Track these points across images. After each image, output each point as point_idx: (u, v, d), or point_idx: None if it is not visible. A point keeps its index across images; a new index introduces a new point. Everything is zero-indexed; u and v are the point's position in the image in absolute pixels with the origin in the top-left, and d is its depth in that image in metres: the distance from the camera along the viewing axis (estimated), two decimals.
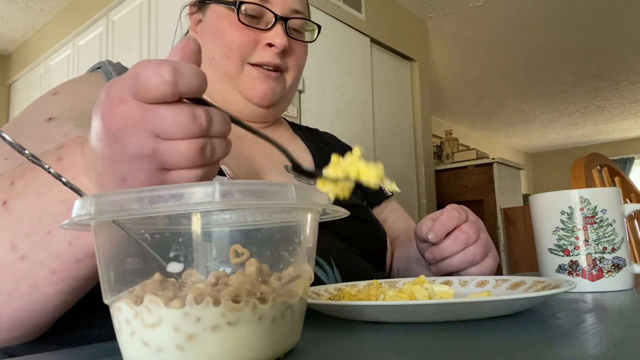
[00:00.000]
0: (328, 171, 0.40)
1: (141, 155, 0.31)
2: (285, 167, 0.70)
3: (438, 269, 0.59)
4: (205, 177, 0.33)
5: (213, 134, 0.32)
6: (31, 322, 0.41)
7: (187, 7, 0.75)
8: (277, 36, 0.66)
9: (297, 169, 0.40)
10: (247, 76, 0.67)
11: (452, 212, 0.57)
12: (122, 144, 0.31)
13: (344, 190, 0.40)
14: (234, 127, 0.35)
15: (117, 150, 0.31)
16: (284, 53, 0.69)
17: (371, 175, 0.39)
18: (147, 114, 0.30)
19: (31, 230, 0.37)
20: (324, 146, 0.83)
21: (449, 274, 0.58)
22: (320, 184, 0.40)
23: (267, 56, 0.67)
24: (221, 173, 0.58)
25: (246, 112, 0.71)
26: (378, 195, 0.84)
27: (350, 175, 0.39)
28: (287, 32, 0.68)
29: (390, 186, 0.40)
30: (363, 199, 0.80)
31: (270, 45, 0.67)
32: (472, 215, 0.60)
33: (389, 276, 0.75)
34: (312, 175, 0.42)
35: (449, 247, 0.56)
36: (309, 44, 0.76)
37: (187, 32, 0.77)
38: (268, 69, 0.68)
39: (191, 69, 0.30)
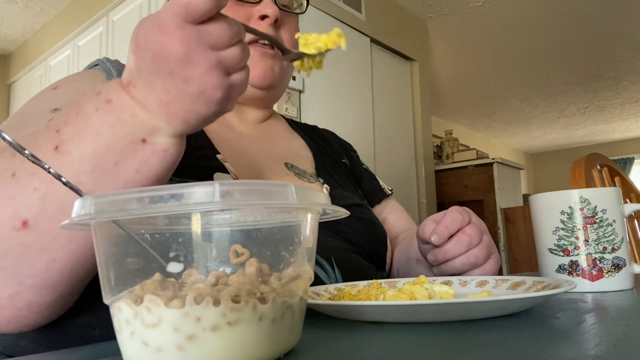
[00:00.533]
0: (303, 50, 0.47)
1: (210, 67, 0.35)
2: (285, 164, 0.70)
3: (440, 270, 0.59)
4: (249, 73, 0.39)
5: (243, 37, 0.38)
6: (73, 277, 0.41)
7: None
8: (268, 7, 0.66)
9: (284, 51, 0.48)
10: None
11: (455, 215, 0.57)
12: (192, 63, 0.35)
13: (319, 65, 0.49)
14: (230, 136, 0.46)
15: (189, 71, 0.36)
16: (277, 26, 0.68)
17: (334, 39, 0.47)
18: (202, 33, 0.35)
19: (95, 166, 0.38)
20: (323, 143, 0.83)
21: (451, 275, 0.58)
22: (298, 65, 0.47)
23: (262, 30, 0.66)
24: (224, 170, 0.59)
25: (246, 97, 0.70)
26: (378, 195, 0.84)
27: (320, 48, 0.47)
28: (277, 4, 0.68)
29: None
30: (363, 197, 0.80)
31: (262, 18, 0.66)
32: (474, 218, 0.60)
33: (388, 276, 0.75)
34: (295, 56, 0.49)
35: (452, 249, 0.56)
36: (299, 25, 0.75)
37: None
38: (264, 44, 0.67)
39: None
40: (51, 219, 0.38)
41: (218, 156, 0.60)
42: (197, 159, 0.58)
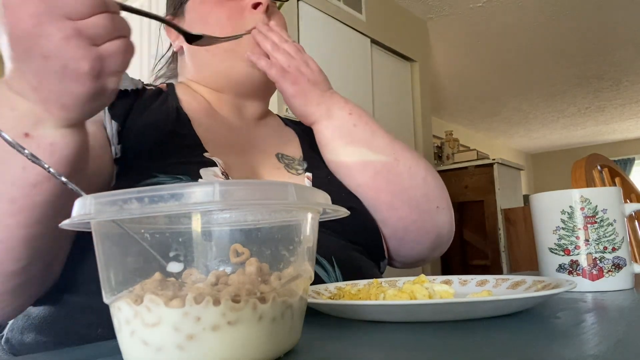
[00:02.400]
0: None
1: (66, 37, 0.33)
2: (277, 155, 0.70)
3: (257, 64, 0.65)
4: (130, 47, 0.38)
5: (112, 9, 0.36)
6: (4, 271, 0.41)
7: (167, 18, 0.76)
8: None
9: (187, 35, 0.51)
10: (247, 42, 0.68)
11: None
12: (45, 36, 0.33)
13: None
14: (224, 117, 0.53)
15: (46, 46, 0.33)
16: (269, 14, 0.70)
17: None
18: (51, 3, 0.33)
19: None
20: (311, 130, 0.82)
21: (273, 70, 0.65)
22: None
23: (257, 18, 0.68)
24: (213, 164, 0.58)
25: (252, 81, 0.70)
26: None
27: None
28: None
29: None
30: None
31: (255, 6, 0.68)
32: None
33: (388, 261, 0.74)
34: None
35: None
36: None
37: (170, 46, 0.78)
38: None
39: None
40: None
41: (206, 154, 0.60)
42: (182, 156, 0.58)
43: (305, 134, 0.78)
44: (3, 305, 0.44)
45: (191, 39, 0.52)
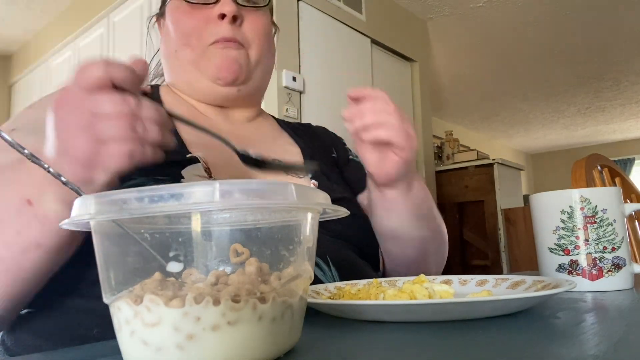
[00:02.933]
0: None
1: (79, 126, 0.38)
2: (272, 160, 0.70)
3: (357, 135, 0.59)
4: (141, 155, 0.40)
5: (144, 116, 0.40)
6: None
7: (155, 22, 0.75)
8: (225, 5, 0.65)
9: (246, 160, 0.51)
10: (209, 56, 0.66)
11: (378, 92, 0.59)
12: (66, 120, 0.39)
13: None
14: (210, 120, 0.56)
15: (62, 126, 0.39)
16: (240, 25, 0.67)
17: None
18: (87, 98, 0.38)
19: None
20: (312, 138, 0.81)
21: (368, 141, 0.59)
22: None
23: (220, 30, 0.65)
24: (196, 160, 0.58)
25: (216, 96, 0.68)
26: (362, 181, 0.82)
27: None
28: (238, 2, 0.67)
29: None
30: (349, 189, 0.78)
31: (222, 17, 0.65)
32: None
33: (383, 273, 0.74)
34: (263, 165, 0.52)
35: (365, 107, 0.57)
36: (272, 17, 0.74)
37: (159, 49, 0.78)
38: (227, 40, 0.66)
39: (121, 63, 0.39)
40: None
41: (189, 156, 0.59)
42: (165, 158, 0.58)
43: (307, 146, 0.77)
44: None
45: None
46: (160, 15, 0.73)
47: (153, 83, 0.79)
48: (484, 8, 3.30)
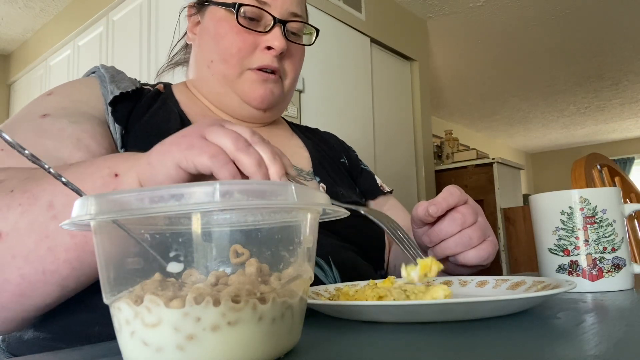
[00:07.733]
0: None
1: (187, 146, 0.38)
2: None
3: (435, 253, 0.57)
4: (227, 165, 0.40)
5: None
6: (31, 298, 0.42)
7: (186, 9, 0.75)
8: (275, 39, 0.66)
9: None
10: (246, 80, 0.68)
11: (453, 189, 0.55)
12: (185, 136, 0.39)
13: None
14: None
15: (184, 132, 0.40)
16: (282, 56, 0.69)
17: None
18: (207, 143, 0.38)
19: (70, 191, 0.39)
20: (321, 143, 0.83)
21: (446, 259, 0.57)
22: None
23: (265, 59, 0.67)
24: None
25: (244, 114, 0.71)
26: (374, 191, 0.83)
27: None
28: (285, 35, 0.68)
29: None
30: (360, 194, 0.80)
31: (269, 48, 0.67)
32: (471, 200, 0.59)
33: (386, 273, 0.75)
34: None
35: (445, 228, 0.54)
36: (306, 47, 0.76)
37: (185, 33, 0.78)
38: (266, 72, 0.68)
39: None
40: (19, 236, 0.40)
41: None
42: None
43: (315, 150, 0.78)
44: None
45: None
46: (197, 11, 0.73)
47: (169, 69, 0.79)
48: (483, 7, 3.29)
